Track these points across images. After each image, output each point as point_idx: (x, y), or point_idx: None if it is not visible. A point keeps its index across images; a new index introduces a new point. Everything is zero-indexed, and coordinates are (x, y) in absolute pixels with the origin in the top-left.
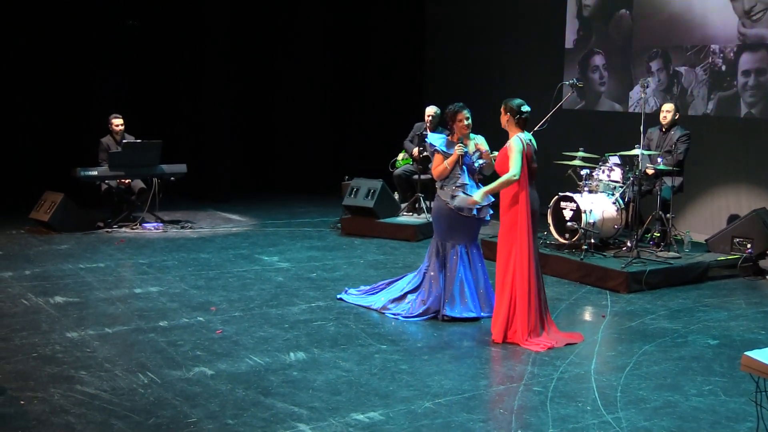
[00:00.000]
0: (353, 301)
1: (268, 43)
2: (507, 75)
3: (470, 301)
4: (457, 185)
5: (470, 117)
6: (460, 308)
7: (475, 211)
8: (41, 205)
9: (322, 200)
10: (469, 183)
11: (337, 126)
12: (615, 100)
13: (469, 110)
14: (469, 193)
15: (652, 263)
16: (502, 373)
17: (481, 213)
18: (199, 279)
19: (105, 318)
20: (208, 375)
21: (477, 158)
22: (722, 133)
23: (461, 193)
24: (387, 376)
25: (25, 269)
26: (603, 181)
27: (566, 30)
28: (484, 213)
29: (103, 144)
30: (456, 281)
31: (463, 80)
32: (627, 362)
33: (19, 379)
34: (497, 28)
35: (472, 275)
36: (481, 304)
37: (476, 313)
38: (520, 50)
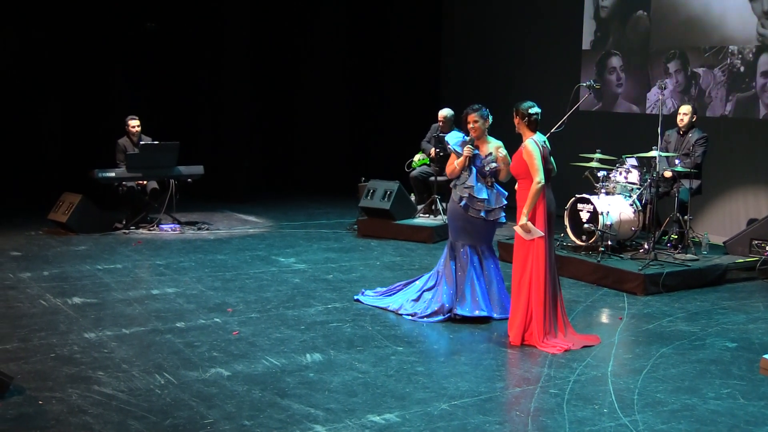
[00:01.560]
0: (370, 303)
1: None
2: (523, 77)
3: (481, 301)
4: (465, 186)
5: (481, 119)
6: (471, 307)
7: (483, 213)
8: (59, 207)
9: (338, 202)
10: (476, 186)
11: (354, 127)
12: (632, 102)
13: (481, 113)
14: (476, 195)
15: (670, 265)
16: (518, 375)
17: (490, 215)
18: (216, 280)
19: (122, 319)
20: (224, 376)
21: (491, 161)
22: (741, 135)
23: (468, 195)
24: (403, 377)
25: (44, 270)
26: (620, 183)
27: (583, 31)
28: (493, 215)
29: (120, 145)
30: (467, 280)
31: (479, 82)
32: (644, 365)
33: (38, 379)
34: (514, 30)
35: (483, 275)
36: (493, 305)
37: (488, 313)
38: (536, 52)
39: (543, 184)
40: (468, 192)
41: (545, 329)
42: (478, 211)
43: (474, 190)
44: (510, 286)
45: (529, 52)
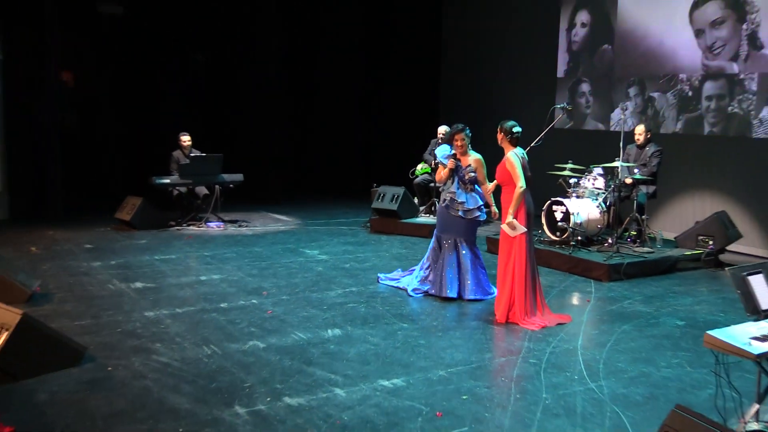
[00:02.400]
0: (389, 284)
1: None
2: (509, 99)
3: (452, 285)
4: (449, 191)
5: (466, 138)
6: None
7: (461, 212)
8: (124, 207)
9: (354, 204)
10: (458, 191)
11: (367, 141)
12: (599, 121)
13: (465, 132)
14: (457, 198)
15: (630, 257)
16: (503, 348)
17: (468, 214)
18: (254, 268)
19: (176, 300)
20: (260, 347)
21: (469, 171)
22: (689, 149)
23: (450, 198)
24: (408, 349)
25: (111, 260)
26: (588, 189)
27: (558, 62)
28: (471, 215)
29: (174, 157)
30: (446, 267)
31: (471, 103)
32: (608, 339)
33: (107, 349)
34: (501, 60)
35: (459, 264)
36: (463, 288)
37: (454, 295)
38: (519, 78)
39: (525, 188)
40: (450, 195)
41: (526, 309)
42: (457, 211)
43: (456, 195)
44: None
45: (513, 79)
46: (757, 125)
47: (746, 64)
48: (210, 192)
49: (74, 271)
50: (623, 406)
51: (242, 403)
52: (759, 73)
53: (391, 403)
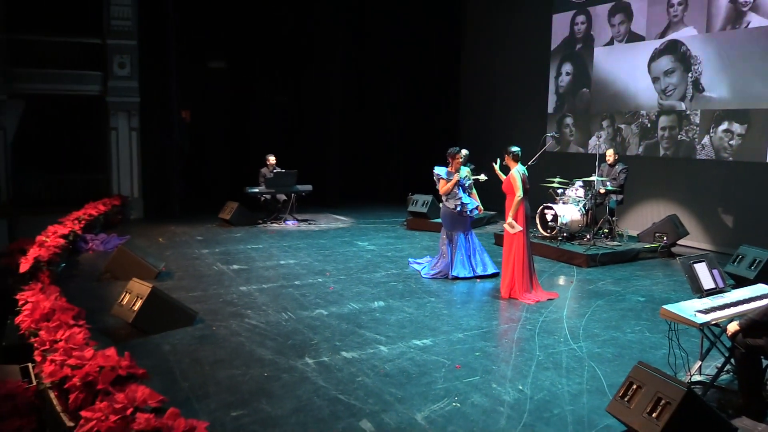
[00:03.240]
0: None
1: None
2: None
3: (468, 266)
4: (457, 198)
5: (463, 157)
6: (461, 270)
7: (469, 212)
8: (225, 209)
9: (395, 207)
10: (463, 196)
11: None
12: (580, 146)
13: (464, 152)
14: (464, 202)
15: (603, 248)
16: (506, 317)
17: (471, 213)
18: (319, 255)
19: (262, 278)
20: (324, 315)
21: (467, 180)
22: (648, 167)
23: (460, 203)
24: (434, 317)
25: (215, 248)
26: (572, 197)
27: (549, 101)
28: (472, 213)
29: (262, 173)
30: (458, 254)
31: (483, 131)
32: (586, 311)
33: (212, 314)
34: (507, 99)
35: (469, 249)
36: (475, 266)
37: (471, 274)
38: (520, 113)
39: (522, 197)
40: (459, 201)
41: (524, 287)
42: (465, 212)
43: (463, 200)
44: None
45: (515, 113)
46: (699, 149)
47: (691, 103)
48: (288, 198)
49: (189, 256)
50: (598, 362)
51: (311, 355)
52: (701, 110)
53: (421, 357)
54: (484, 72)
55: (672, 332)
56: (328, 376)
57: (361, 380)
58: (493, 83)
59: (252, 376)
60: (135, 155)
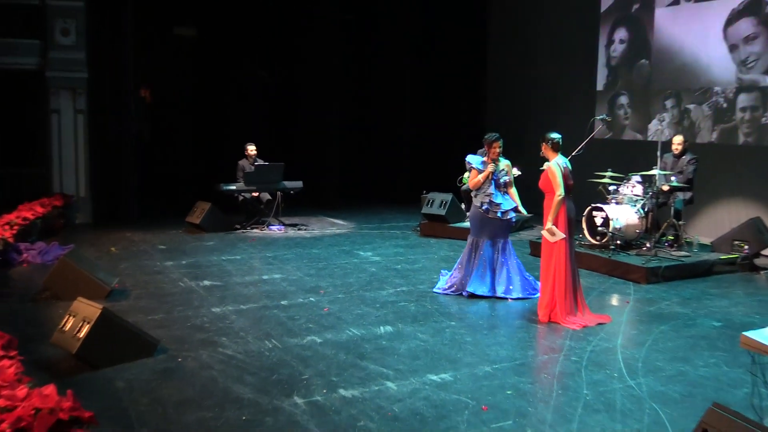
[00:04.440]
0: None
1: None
2: (551, 111)
3: (488, 282)
4: (485, 194)
5: (502, 146)
6: (478, 286)
7: (499, 213)
8: (194, 212)
9: (405, 209)
10: (495, 193)
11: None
12: (637, 131)
13: (502, 141)
14: (494, 200)
15: (667, 260)
16: (545, 345)
17: (505, 216)
18: (311, 269)
19: (240, 297)
20: (317, 342)
21: (503, 175)
22: (724, 158)
23: (488, 200)
24: (455, 346)
25: (182, 259)
26: (627, 195)
27: (597, 76)
28: (507, 216)
29: (240, 165)
30: (479, 266)
31: (516, 115)
32: (646, 339)
33: (177, 342)
34: (545, 74)
35: (494, 263)
36: (497, 285)
37: (489, 292)
38: (561, 91)
39: (563, 196)
40: (488, 198)
41: (567, 309)
42: (495, 213)
43: (493, 197)
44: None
45: (555, 92)
46: None
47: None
48: (272, 198)
49: (149, 270)
50: (661, 403)
51: (300, 394)
52: None
53: (439, 396)
54: (517, 41)
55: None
56: (323, 420)
57: (363, 425)
58: (528, 55)
59: (227, 421)
60: (81, 144)
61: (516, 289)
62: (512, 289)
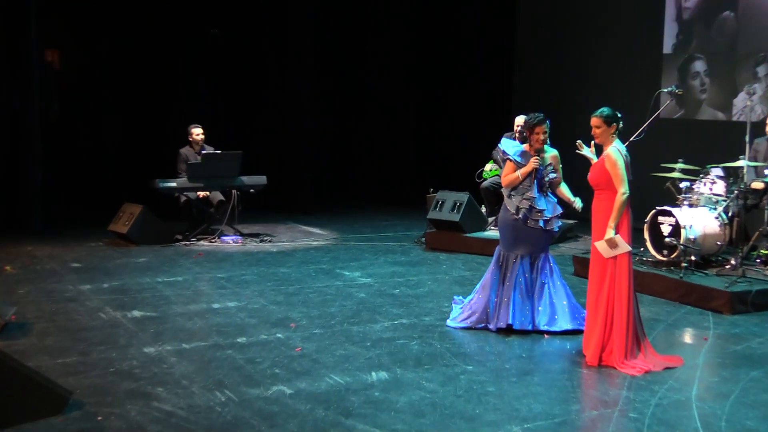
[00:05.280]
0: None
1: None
2: (599, 82)
3: (527, 312)
4: (525, 197)
5: (547, 130)
6: (517, 317)
7: (542, 222)
8: (120, 217)
9: (405, 213)
10: (537, 196)
11: (422, 135)
12: (717, 109)
13: (548, 124)
14: (537, 206)
15: (760, 282)
16: (595, 398)
17: (548, 225)
18: (279, 294)
19: (182, 333)
20: (287, 394)
21: (550, 172)
22: None
23: (528, 206)
24: (473, 398)
25: (104, 282)
26: (704, 195)
27: (664, 34)
28: (551, 225)
29: (182, 155)
30: (515, 291)
31: (553, 88)
32: (732, 389)
33: (97, 393)
34: (590, 33)
35: (532, 287)
36: (538, 316)
37: (529, 326)
38: (614, 56)
39: (629, 195)
40: (529, 203)
41: (626, 349)
42: (536, 222)
43: (535, 201)
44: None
45: (604, 57)
46: None
47: None
48: (226, 198)
49: (58, 296)
50: None
51: None
52: None
53: None
54: None
55: None
56: None
57: None
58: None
59: None
60: None
61: (563, 319)
62: (557, 318)
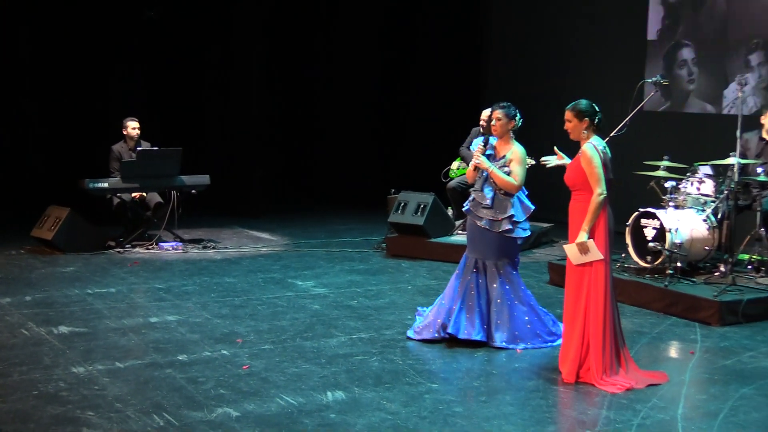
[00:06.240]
0: None
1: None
2: (579, 72)
3: (479, 324)
4: (475, 189)
5: (505, 118)
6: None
7: (485, 222)
8: (44, 222)
9: (364, 216)
10: (485, 188)
11: (383, 132)
12: (706, 101)
13: (507, 111)
14: (481, 201)
15: (751, 291)
16: (572, 418)
17: (494, 226)
18: (224, 307)
19: (116, 351)
20: (233, 417)
21: (502, 165)
22: None
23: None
24: (439, 419)
25: (26, 294)
26: (692, 195)
27: (648, 19)
28: (497, 227)
29: (115, 152)
30: (463, 299)
31: (526, 79)
32: (721, 407)
33: (18, 420)
34: (568, 18)
35: (490, 294)
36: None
37: (481, 337)
38: (593, 43)
39: (605, 195)
40: (473, 195)
41: (604, 365)
42: (480, 219)
43: (480, 195)
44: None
45: (583, 44)
46: None
47: None
48: (164, 200)
49: None
50: None
51: None
52: None
53: None
54: None
55: None
56: None
57: None
58: None
59: None
60: None
61: (525, 336)
62: (518, 335)
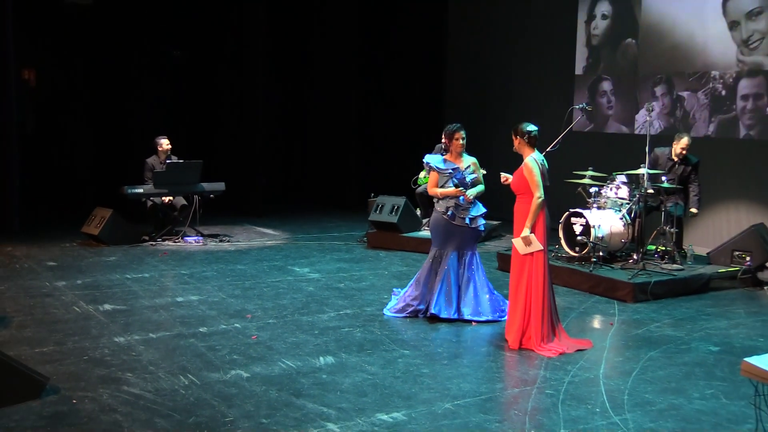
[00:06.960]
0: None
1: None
2: (522, 99)
3: (453, 303)
4: (451, 198)
5: (465, 137)
6: (443, 308)
7: (467, 220)
8: (92, 220)
9: (349, 216)
10: (461, 197)
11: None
12: (622, 123)
13: (465, 131)
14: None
15: (657, 275)
16: (516, 377)
17: (474, 223)
18: (236, 288)
19: (149, 324)
20: (243, 377)
21: (469, 173)
22: (723, 154)
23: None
24: (409, 379)
25: (77, 279)
26: (611, 198)
27: (576, 57)
28: (476, 223)
29: (149, 164)
30: (443, 283)
31: (479, 104)
32: (633, 367)
33: (72, 379)
34: (513, 56)
35: (461, 279)
36: (463, 307)
37: (455, 315)
38: (533, 76)
39: (543, 199)
40: (454, 202)
41: (542, 334)
42: (462, 219)
43: (459, 200)
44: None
45: (527, 77)
46: None
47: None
48: (188, 203)
49: (35, 291)
50: None
51: None
52: None
53: None
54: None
55: (760, 398)
56: None
57: None
58: (494, 33)
59: None
60: None
61: (485, 311)
62: (481, 311)
